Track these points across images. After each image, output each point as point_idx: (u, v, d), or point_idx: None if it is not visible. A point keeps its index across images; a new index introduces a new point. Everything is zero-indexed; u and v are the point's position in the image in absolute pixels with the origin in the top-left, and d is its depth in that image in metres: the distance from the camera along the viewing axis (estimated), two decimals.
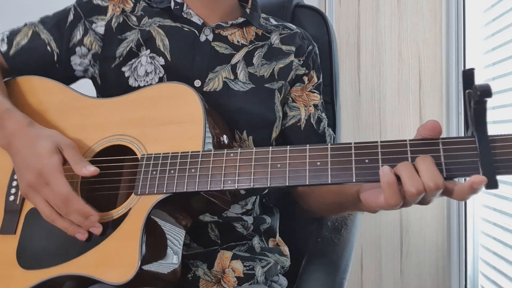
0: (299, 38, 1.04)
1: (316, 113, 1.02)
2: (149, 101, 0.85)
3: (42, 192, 0.77)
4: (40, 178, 0.77)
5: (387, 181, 0.65)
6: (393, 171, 0.65)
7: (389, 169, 0.65)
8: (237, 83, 0.95)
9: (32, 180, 0.77)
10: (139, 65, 0.94)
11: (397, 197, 0.65)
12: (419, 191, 0.63)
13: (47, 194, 0.77)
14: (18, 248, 0.82)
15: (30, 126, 0.83)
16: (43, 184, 0.77)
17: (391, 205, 0.66)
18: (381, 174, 0.65)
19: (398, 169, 0.65)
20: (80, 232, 0.77)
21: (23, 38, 0.97)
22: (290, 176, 0.71)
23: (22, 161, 0.80)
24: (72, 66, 0.98)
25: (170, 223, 0.79)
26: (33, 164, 0.78)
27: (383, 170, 0.65)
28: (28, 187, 0.78)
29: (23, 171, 0.79)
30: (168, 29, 0.96)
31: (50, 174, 0.76)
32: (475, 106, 0.63)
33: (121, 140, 0.84)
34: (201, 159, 0.76)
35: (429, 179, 0.63)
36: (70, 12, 0.99)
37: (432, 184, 0.63)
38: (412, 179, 0.64)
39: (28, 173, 0.78)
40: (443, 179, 0.64)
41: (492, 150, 0.64)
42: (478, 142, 0.64)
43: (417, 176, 0.64)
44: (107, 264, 0.75)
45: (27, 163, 0.79)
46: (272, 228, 1.03)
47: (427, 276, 1.74)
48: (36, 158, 0.78)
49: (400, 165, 0.65)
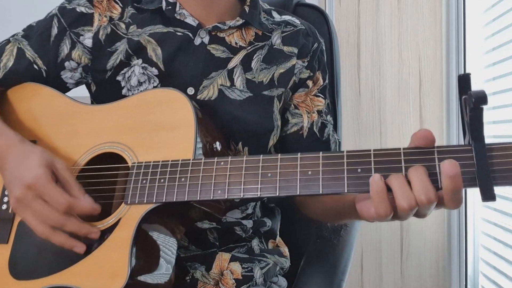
0: (303, 35, 0.97)
1: (319, 120, 0.96)
2: (141, 107, 0.83)
3: (32, 206, 0.74)
4: (29, 192, 0.74)
5: (376, 189, 0.63)
6: (383, 180, 0.63)
7: (380, 177, 0.63)
8: (234, 91, 0.90)
9: (19, 194, 0.74)
10: (132, 75, 0.90)
11: (386, 206, 0.63)
12: (411, 206, 0.61)
13: (37, 208, 0.74)
14: (10, 258, 0.81)
15: (21, 143, 0.81)
16: (33, 198, 0.74)
17: (381, 215, 0.64)
18: (371, 182, 0.63)
19: (390, 180, 0.63)
20: (77, 245, 0.75)
21: (9, 59, 0.93)
22: (281, 186, 0.69)
23: (10, 176, 0.77)
24: (63, 80, 0.95)
25: (162, 232, 0.78)
26: (21, 177, 0.75)
27: (373, 177, 0.63)
28: (17, 202, 0.75)
29: (11, 186, 0.76)
30: (159, 36, 0.90)
31: (42, 186, 0.73)
32: (471, 113, 0.60)
33: (112, 148, 0.82)
34: (191, 168, 0.74)
35: (420, 192, 0.61)
36: (53, 23, 0.94)
37: (424, 197, 0.60)
38: (403, 193, 0.61)
39: (16, 188, 0.75)
40: (436, 192, 0.61)
41: (489, 160, 0.61)
42: (475, 152, 0.61)
43: (408, 189, 0.62)
44: (98, 275, 0.74)
45: (15, 176, 0.76)
46: (272, 231, 1.01)
47: (428, 276, 1.74)
48: (25, 171, 0.75)
49: (393, 177, 0.63)
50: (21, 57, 0.93)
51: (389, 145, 1.76)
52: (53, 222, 0.74)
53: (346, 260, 1.01)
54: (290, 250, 1.03)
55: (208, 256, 0.89)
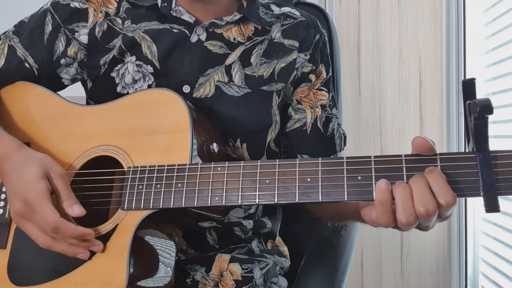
0: (304, 27, 0.95)
1: (323, 114, 0.94)
2: (135, 108, 0.82)
3: (33, 219, 0.74)
4: (27, 206, 0.73)
5: (380, 199, 0.61)
6: (390, 189, 0.61)
7: (387, 185, 0.61)
8: (232, 87, 0.88)
9: (20, 209, 0.74)
10: (126, 72, 0.89)
11: (389, 217, 0.62)
12: (409, 223, 0.60)
13: (38, 221, 0.73)
14: (9, 263, 0.80)
15: (20, 150, 0.80)
16: (32, 211, 0.73)
17: (382, 223, 0.63)
18: (376, 189, 0.62)
19: (395, 190, 0.61)
20: (81, 252, 0.75)
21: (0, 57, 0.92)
22: (279, 193, 0.67)
23: (11, 187, 0.76)
24: (59, 76, 0.94)
25: (159, 236, 0.78)
26: (20, 191, 0.74)
27: (379, 185, 0.61)
28: (18, 216, 0.75)
29: (12, 198, 0.76)
30: (155, 33, 0.88)
31: (36, 202, 0.73)
32: (475, 122, 0.59)
33: (107, 151, 0.81)
34: (188, 174, 0.73)
35: (420, 204, 0.59)
36: (46, 20, 0.92)
37: (423, 210, 0.59)
38: (404, 208, 0.60)
39: (16, 201, 0.74)
40: (437, 204, 0.60)
41: (494, 169, 0.59)
42: (479, 160, 0.60)
43: (411, 204, 0.60)
44: (96, 282, 0.73)
45: (15, 189, 0.75)
46: (272, 232, 1.01)
47: (428, 276, 1.74)
48: (22, 185, 0.74)
49: (397, 186, 0.61)
50: (12, 56, 0.92)
51: (389, 145, 1.76)
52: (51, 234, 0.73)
53: (346, 261, 1.01)
54: (290, 249, 1.02)
55: (208, 257, 0.89)
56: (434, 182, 0.61)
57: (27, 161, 0.77)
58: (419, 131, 1.73)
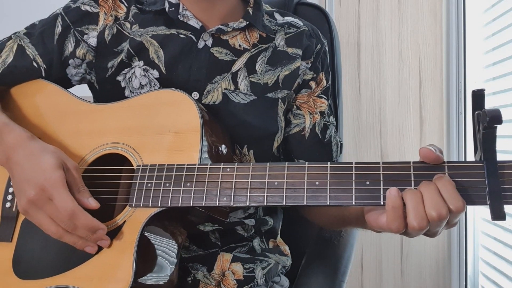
0: (306, 37, 0.97)
1: (322, 121, 0.96)
2: (147, 108, 0.83)
3: (45, 208, 0.73)
4: (43, 193, 0.73)
5: (393, 204, 0.62)
6: (401, 195, 0.62)
7: (398, 192, 0.62)
8: (238, 94, 0.89)
9: (34, 196, 0.73)
10: (134, 77, 0.90)
11: (400, 223, 0.63)
12: (421, 227, 0.61)
13: (50, 210, 0.73)
14: (14, 256, 0.81)
15: (32, 140, 0.79)
16: (46, 200, 0.73)
17: (392, 229, 0.64)
18: (387, 195, 0.62)
19: (405, 196, 0.62)
20: (90, 245, 0.75)
21: (8, 55, 0.93)
22: (288, 195, 0.69)
23: (23, 175, 0.75)
24: (67, 76, 0.95)
25: (164, 235, 0.78)
26: (35, 178, 0.73)
27: (391, 191, 0.62)
28: (29, 203, 0.74)
29: (24, 186, 0.74)
30: (162, 38, 0.90)
31: (54, 189, 0.72)
32: (484, 131, 0.60)
33: (117, 149, 0.82)
34: (197, 173, 0.74)
35: (432, 208, 0.60)
36: (57, 22, 0.93)
37: (435, 214, 0.60)
38: (417, 213, 0.61)
39: (30, 188, 0.73)
40: (448, 209, 0.60)
41: (501, 178, 0.60)
42: (486, 170, 0.61)
43: (423, 209, 0.61)
44: (101, 278, 0.74)
45: (28, 177, 0.74)
46: (273, 229, 1.01)
47: (427, 276, 1.74)
48: (38, 173, 0.74)
49: (408, 192, 0.62)
50: (21, 54, 0.93)
51: (389, 145, 1.76)
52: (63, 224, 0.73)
53: (346, 261, 1.01)
54: (291, 250, 1.03)
55: (210, 256, 0.89)
56: (443, 188, 0.62)
57: (41, 151, 0.77)
58: (419, 131, 1.73)
